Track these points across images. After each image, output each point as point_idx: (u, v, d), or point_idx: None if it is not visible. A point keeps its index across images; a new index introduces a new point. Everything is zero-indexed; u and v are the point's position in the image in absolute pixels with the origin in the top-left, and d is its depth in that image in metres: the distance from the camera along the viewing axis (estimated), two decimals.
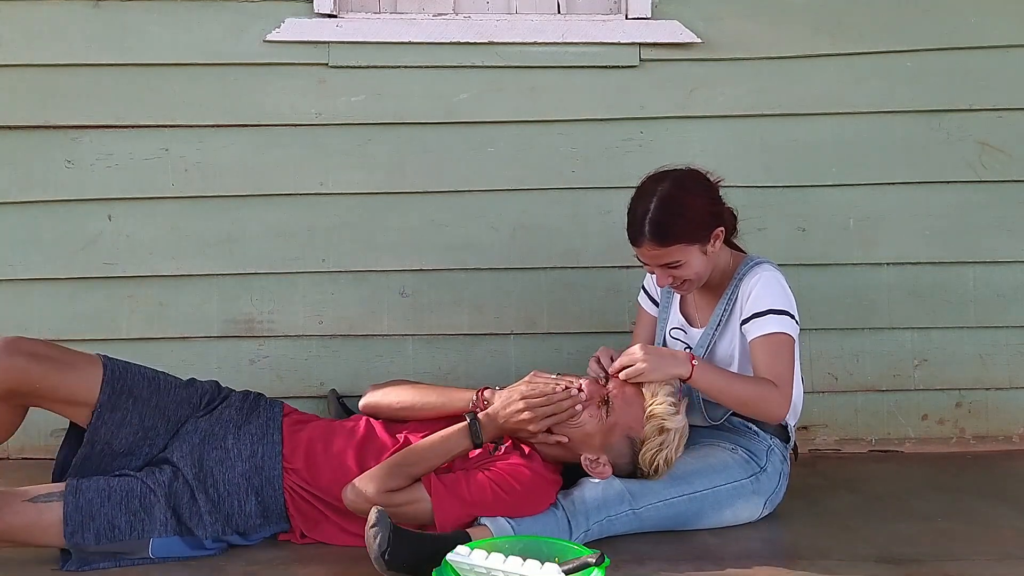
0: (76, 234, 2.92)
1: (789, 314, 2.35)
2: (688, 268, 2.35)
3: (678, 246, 2.32)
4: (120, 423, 2.23)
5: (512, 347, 3.00)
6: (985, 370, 3.06)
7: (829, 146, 3.01)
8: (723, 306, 2.43)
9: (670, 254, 2.32)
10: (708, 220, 2.35)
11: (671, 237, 2.31)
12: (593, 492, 2.25)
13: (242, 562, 2.16)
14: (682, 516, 2.30)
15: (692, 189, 2.36)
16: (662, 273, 2.37)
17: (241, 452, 2.26)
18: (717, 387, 2.30)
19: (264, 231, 2.95)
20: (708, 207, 2.36)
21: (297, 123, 2.94)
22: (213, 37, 2.90)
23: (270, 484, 2.24)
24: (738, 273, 2.43)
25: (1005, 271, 3.04)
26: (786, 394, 2.29)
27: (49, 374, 2.17)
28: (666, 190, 2.33)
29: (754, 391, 2.29)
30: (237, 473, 2.24)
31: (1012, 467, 2.89)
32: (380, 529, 1.97)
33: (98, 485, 2.13)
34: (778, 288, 2.37)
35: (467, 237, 2.99)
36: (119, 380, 2.24)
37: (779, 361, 2.31)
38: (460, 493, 2.16)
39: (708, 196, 2.38)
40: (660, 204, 2.31)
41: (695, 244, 2.34)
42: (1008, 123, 3.02)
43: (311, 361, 2.98)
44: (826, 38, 2.98)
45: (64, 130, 2.90)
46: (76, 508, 2.08)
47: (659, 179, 2.37)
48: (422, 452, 2.22)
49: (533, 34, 2.94)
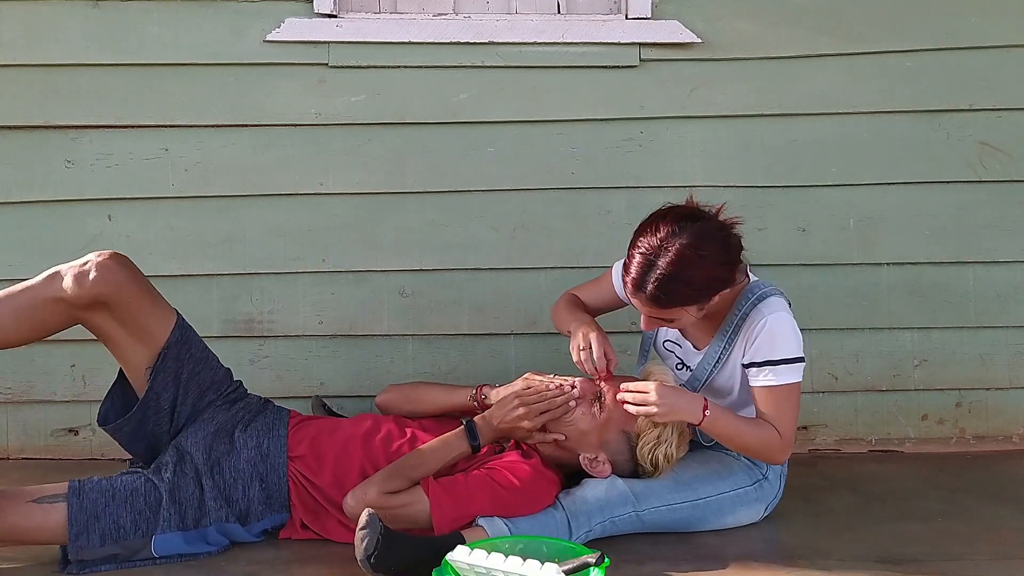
0: (76, 234, 2.91)
1: (795, 360, 2.25)
2: (679, 323, 2.26)
3: (676, 310, 2.19)
4: (173, 376, 2.29)
5: (512, 347, 3.00)
6: (985, 370, 3.06)
7: (829, 146, 3.01)
8: (723, 340, 2.32)
9: (666, 314, 2.20)
10: (715, 287, 2.19)
11: (672, 303, 2.17)
12: (596, 492, 2.25)
13: (242, 562, 2.16)
14: (685, 521, 2.30)
15: (710, 254, 2.14)
16: (649, 323, 2.26)
17: (247, 442, 2.29)
18: (725, 435, 2.25)
19: (264, 231, 2.95)
20: (721, 273, 2.18)
21: (297, 123, 2.94)
22: (213, 37, 2.90)
23: (275, 471, 2.26)
24: (740, 306, 2.29)
25: (1005, 271, 3.04)
26: (788, 442, 2.25)
27: (141, 297, 2.25)
28: (681, 252, 2.11)
29: (760, 441, 2.24)
30: (243, 460, 2.27)
31: (1012, 467, 2.89)
32: (369, 532, 1.97)
33: (101, 485, 2.14)
34: (788, 332, 2.25)
35: (467, 237, 2.99)
36: (187, 331, 2.33)
37: (784, 411, 2.25)
38: (457, 492, 2.17)
39: (724, 261, 2.18)
40: (670, 268, 2.11)
41: (694, 306, 2.20)
42: (1008, 123, 3.02)
43: (311, 361, 2.98)
44: (826, 38, 2.98)
45: (64, 130, 2.90)
46: (81, 509, 2.09)
47: (678, 231, 2.13)
48: (421, 455, 2.25)
49: (533, 34, 2.94)
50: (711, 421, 2.21)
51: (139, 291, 2.25)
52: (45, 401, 2.94)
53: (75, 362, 2.93)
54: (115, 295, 2.20)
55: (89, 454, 2.94)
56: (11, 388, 2.93)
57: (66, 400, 2.94)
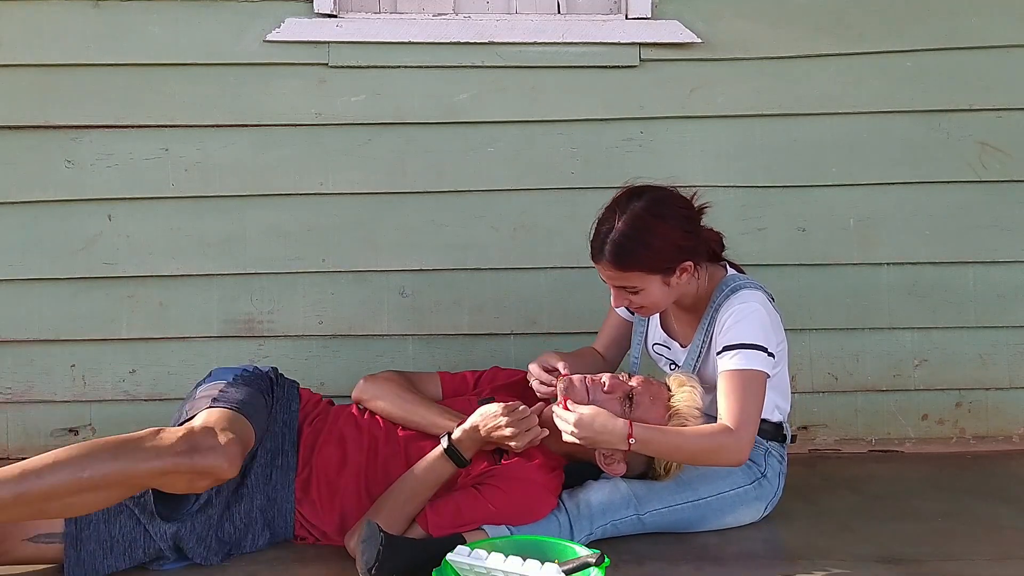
0: (76, 234, 2.91)
1: (761, 347, 2.21)
2: (646, 296, 2.25)
3: (637, 273, 2.20)
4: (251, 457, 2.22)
5: (512, 347, 3.00)
6: (985, 370, 3.06)
7: (829, 146, 3.01)
8: (701, 334, 2.34)
9: (627, 279, 2.22)
10: (674, 253, 2.20)
11: (630, 264, 2.19)
12: (599, 496, 2.24)
13: (243, 562, 2.16)
14: (685, 521, 2.29)
15: (666, 216, 2.21)
16: (617, 295, 2.27)
17: (258, 477, 2.24)
18: (664, 453, 2.19)
19: (264, 231, 2.95)
20: (679, 240, 2.21)
21: (297, 123, 2.94)
22: (213, 37, 2.90)
23: (282, 517, 2.25)
24: (714, 298, 2.31)
25: (1005, 271, 3.04)
26: (743, 437, 2.14)
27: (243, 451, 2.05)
28: (637, 211, 2.19)
29: (706, 445, 2.15)
30: (255, 507, 2.22)
31: (1012, 467, 2.89)
32: (370, 545, 1.96)
33: (99, 535, 2.06)
34: (753, 320, 2.23)
35: (467, 237, 2.99)
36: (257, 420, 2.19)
37: (739, 399, 2.16)
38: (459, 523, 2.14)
39: (682, 227, 2.22)
40: (626, 226, 2.18)
41: (656, 275, 2.21)
42: (1008, 123, 3.02)
43: (311, 361, 2.98)
44: (826, 38, 2.98)
45: (64, 130, 2.90)
46: (78, 562, 2.04)
47: (634, 195, 2.23)
48: (413, 490, 2.19)
49: (533, 34, 2.94)
50: (641, 445, 2.14)
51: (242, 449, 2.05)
52: (45, 401, 2.93)
53: (75, 362, 2.93)
54: (234, 469, 2.01)
55: None
56: (11, 388, 2.93)
57: (66, 400, 2.94)
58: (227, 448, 1.97)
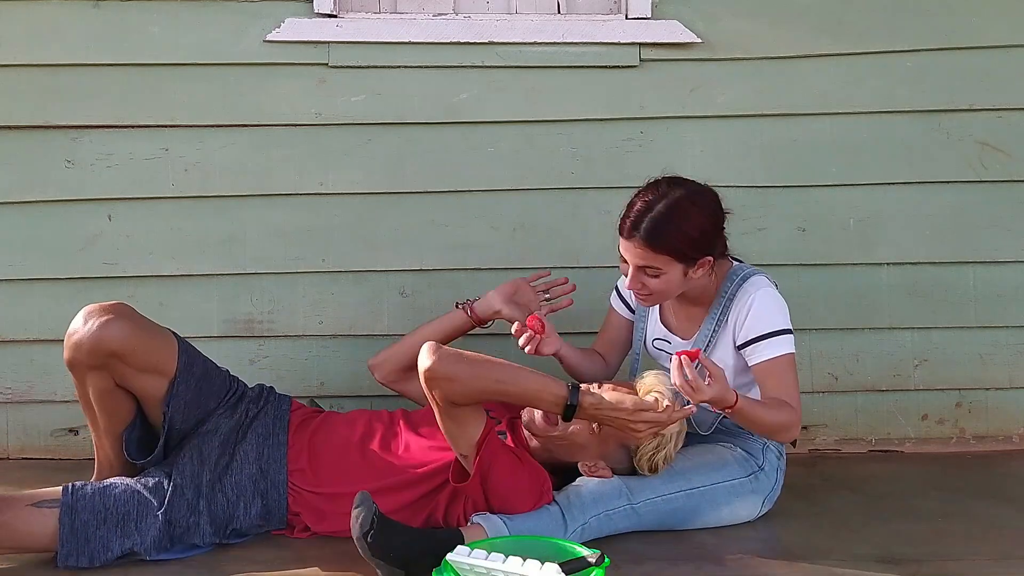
0: (76, 234, 2.92)
1: (788, 331, 2.31)
2: (664, 282, 2.28)
3: (665, 257, 2.25)
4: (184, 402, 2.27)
5: (512, 347, 2.99)
6: (985, 370, 3.06)
7: (829, 146, 3.01)
8: (711, 325, 2.37)
9: (655, 260, 2.26)
10: (704, 244, 2.27)
11: (662, 245, 2.24)
12: (590, 486, 2.25)
13: (243, 562, 2.16)
14: (680, 512, 2.30)
15: (704, 208, 2.29)
16: (636, 276, 2.30)
17: (248, 455, 2.27)
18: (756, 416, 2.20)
19: (264, 231, 2.95)
20: (711, 231, 2.29)
21: (297, 123, 2.94)
22: (213, 37, 2.90)
23: (275, 488, 2.26)
24: (725, 289, 2.37)
25: (1005, 271, 3.04)
26: (799, 415, 2.26)
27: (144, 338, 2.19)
28: (679, 197, 2.27)
29: (785, 419, 2.22)
30: (245, 476, 2.25)
31: (1012, 467, 2.90)
32: (363, 510, 1.98)
33: (94, 505, 2.10)
34: (774, 306, 2.32)
35: (467, 237, 2.99)
36: (188, 351, 2.29)
37: (788, 384, 2.28)
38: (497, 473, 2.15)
39: (714, 222, 2.31)
40: (668, 208, 2.25)
41: (681, 263, 2.27)
42: (1008, 123, 3.02)
43: (311, 361, 2.98)
44: (826, 38, 2.98)
45: (64, 130, 2.90)
46: (72, 531, 2.07)
47: (677, 184, 2.31)
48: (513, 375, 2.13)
49: (533, 34, 2.94)
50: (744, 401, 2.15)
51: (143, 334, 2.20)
52: (45, 401, 2.94)
53: None
54: (124, 347, 2.15)
55: (89, 454, 2.86)
56: (11, 388, 2.93)
57: (66, 400, 2.92)
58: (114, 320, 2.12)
